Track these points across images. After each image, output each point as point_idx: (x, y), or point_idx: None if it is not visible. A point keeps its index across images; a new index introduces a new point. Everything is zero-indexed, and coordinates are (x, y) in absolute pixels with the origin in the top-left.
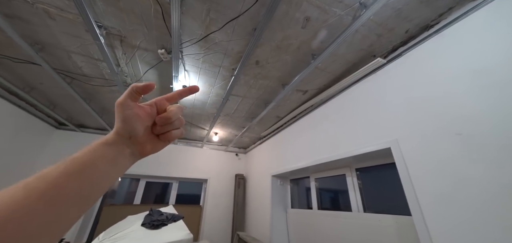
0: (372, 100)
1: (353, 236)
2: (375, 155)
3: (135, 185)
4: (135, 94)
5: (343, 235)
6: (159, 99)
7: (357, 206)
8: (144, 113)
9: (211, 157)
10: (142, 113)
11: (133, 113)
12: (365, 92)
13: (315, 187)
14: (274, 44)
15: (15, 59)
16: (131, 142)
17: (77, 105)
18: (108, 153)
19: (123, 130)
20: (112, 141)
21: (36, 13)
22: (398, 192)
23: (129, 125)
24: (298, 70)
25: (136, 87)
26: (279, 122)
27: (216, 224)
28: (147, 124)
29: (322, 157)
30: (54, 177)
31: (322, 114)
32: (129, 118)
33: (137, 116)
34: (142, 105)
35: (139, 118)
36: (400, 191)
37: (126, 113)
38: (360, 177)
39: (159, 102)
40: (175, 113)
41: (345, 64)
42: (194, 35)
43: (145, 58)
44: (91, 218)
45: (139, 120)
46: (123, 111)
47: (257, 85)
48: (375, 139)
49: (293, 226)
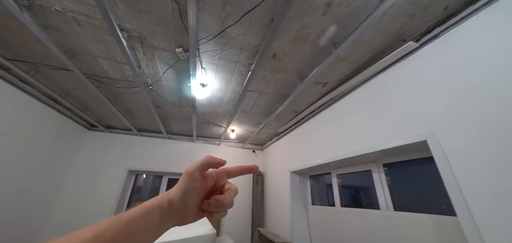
0: (401, 89)
1: (383, 235)
2: (406, 149)
3: (158, 181)
4: (207, 168)
5: (370, 233)
6: (222, 171)
7: (386, 204)
8: (204, 186)
9: (229, 154)
10: (202, 186)
11: (195, 187)
12: (393, 81)
13: (337, 183)
14: (292, 35)
15: (52, 67)
16: (178, 212)
17: (105, 108)
18: (157, 219)
19: (180, 202)
20: (164, 208)
21: (67, 22)
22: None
23: (187, 198)
24: (318, 62)
25: (210, 162)
26: (297, 117)
27: (236, 220)
28: (202, 197)
29: (344, 152)
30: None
31: (344, 107)
32: (190, 191)
33: (197, 190)
34: (207, 175)
35: (197, 192)
36: (438, 188)
37: (190, 186)
38: (388, 173)
39: (220, 175)
40: (231, 199)
41: (369, 51)
42: (210, 31)
43: (164, 58)
44: (122, 210)
45: (197, 193)
46: (189, 183)
47: (274, 79)
48: (406, 131)
49: (315, 223)
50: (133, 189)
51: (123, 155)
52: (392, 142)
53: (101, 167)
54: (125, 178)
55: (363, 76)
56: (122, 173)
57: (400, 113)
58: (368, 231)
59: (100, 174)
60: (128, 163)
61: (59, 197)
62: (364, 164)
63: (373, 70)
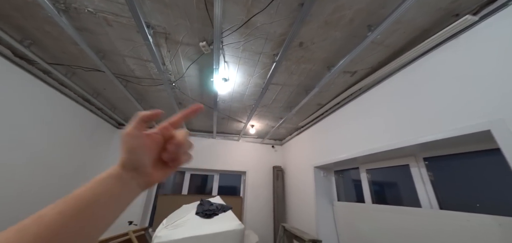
0: (450, 73)
1: (428, 235)
2: (457, 141)
3: (180, 177)
4: (143, 123)
5: (410, 233)
6: (164, 125)
7: (429, 202)
8: (151, 142)
9: (248, 149)
10: (149, 142)
11: (139, 144)
12: (439, 65)
13: (367, 179)
14: (322, 20)
15: (86, 68)
16: (137, 174)
17: (131, 107)
18: (112, 187)
19: (129, 162)
20: (116, 174)
21: (98, 22)
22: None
23: (136, 156)
24: (348, 49)
25: (143, 115)
26: (320, 110)
27: (257, 214)
28: (155, 152)
29: (376, 146)
30: (50, 219)
31: (374, 98)
32: (135, 150)
33: (144, 147)
34: (150, 133)
35: (146, 148)
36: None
37: (133, 144)
38: (430, 168)
39: (164, 129)
40: (184, 137)
41: (411, 32)
42: (235, 21)
43: (187, 53)
44: (150, 204)
45: (146, 150)
46: (130, 142)
47: (299, 70)
48: (457, 121)
49: (342, 219)
50: (159, 184)
51: None
52: (437, 133)
53: None
54: None
55: (400, 61)
56: None
57: (448, 101)
58: (407, 230)
59: None
60: None
61: None
62: (399, 158)
63: (413, 54)
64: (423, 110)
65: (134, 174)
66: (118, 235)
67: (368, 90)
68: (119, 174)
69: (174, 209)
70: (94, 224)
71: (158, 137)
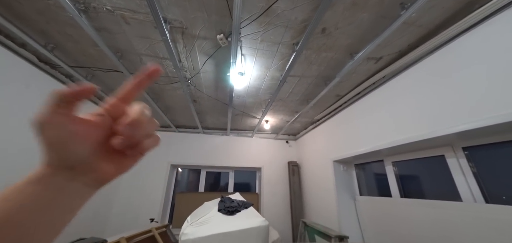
0: (498, 50)
1: (469, 232)
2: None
3: (193, 175)
4: (62, 104)
5: (448, 229)
6: (112, 102)
7: (471, 195)
8: (87, 128)
9: (262, 145)
10: (82, 128)
11: (67, 134)
12: (483, 43)
13: (393, 172)
14: (349, 1)
15: (104, 70)
16: (77, 172)
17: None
18: (37, 195)
19: (54, 159)
20: (40, 178)
21: (116, 21)
22: None
23: (62, 150)
24: (376, 32)
25: (62, 95)
26: (339, 101)
27: (274, 210)
28: (98, 140)
29: (404, 136)
30: None
31: (401, 85)
32: (59, 142)
33: (76, 136)
34: (83, 117)
35: (80, 138)
36: None
37: (55, 136)
38: (472, 158)
39: (113, 107)
40: (140, 111)
41: (451, 7)
42: (254, 10)
43: (204, 48)
44: (169, 202)
45: (81, 139)
46: (50, 133)
47: (319, 60)
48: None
49: (366, 215)
50: (176, 182)
51: (165, 150)
52: (481, 120)
53: (147, 163)
54: (169, 172)
55: (435, 42)
56: (166, 167)
57: (496, 84)
58: (445, 227)
59: (146, 169)
60: (169, 158)
61: (117, 194)
62: (433, 148)
63: (451, 32)
64: (463, 96)
65: (72, 173)
66: (141, 232)
67: (392, 77)
68: (44, 176)
69: (192, 206)
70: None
71: (103, 119)
